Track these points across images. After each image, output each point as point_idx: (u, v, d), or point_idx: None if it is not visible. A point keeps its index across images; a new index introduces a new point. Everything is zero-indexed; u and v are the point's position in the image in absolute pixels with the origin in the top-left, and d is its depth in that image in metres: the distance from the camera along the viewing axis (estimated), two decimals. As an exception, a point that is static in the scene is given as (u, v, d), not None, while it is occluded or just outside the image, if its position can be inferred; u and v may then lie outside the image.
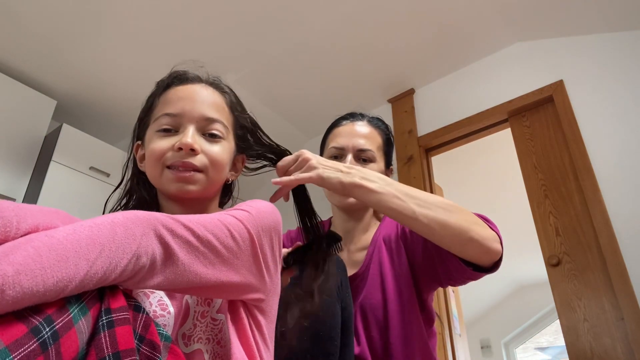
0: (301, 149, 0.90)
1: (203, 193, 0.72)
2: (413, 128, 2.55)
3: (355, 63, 2.51)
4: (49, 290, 0.39)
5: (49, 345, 0.38)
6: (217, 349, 0.62)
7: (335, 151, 1.13)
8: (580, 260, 1.79)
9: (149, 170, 0.73)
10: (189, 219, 0.55)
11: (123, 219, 0.47)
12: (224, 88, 0.81)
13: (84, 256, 0.42)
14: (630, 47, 2.00)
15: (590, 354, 1.63)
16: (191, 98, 0.74)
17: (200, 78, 0.80)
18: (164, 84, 0.78)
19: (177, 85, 0.77)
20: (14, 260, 0.37)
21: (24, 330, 0.36)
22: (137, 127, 0.81)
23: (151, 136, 0.74)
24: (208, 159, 0.71)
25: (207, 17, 2.18)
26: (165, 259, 0.50)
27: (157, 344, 0.46)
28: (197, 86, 0.77)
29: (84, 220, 0.46)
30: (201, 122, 0.73)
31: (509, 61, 2.36)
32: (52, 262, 0.39)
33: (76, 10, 2.10)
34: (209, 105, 0.74)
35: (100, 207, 0.83)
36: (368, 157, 1.11)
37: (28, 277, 0.37)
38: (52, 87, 2.60)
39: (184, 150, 0.68)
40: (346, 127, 1.16)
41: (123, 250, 0.45)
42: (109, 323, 0.44)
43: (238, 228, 0.60)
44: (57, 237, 0.41)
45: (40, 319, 0.38)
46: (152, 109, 0.78)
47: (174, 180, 0.69)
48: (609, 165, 1.84)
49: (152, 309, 0.61)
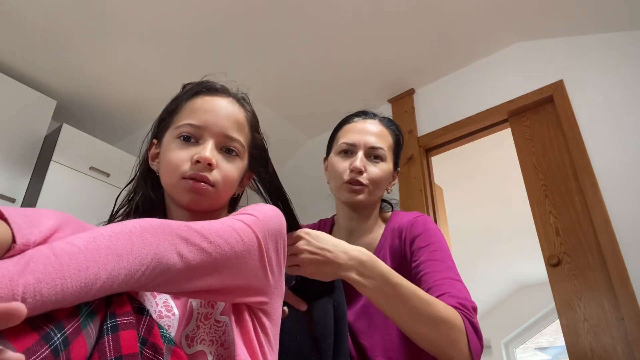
0: (302, 229, 0.89)
1: (211, 206, 0.74)
2: (413, 128, 2.55)
3: (355, 63, 2.51)
4: (67, 299, 0.39)
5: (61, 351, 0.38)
6: (220, 350, 0.62)
7: (346, 146, 1.13)
8: (580, 260, 1.79)
9: (164, 176, 0.75)
10: (202, 226, 0.56)
11: (140, 229, 0.48)
12: (247, 107, 0.82)
13: (103, 266, 0.42)
14: (630, 47, 2.00)
15: (590, 354, 1.64)
16: (216, 112, 0.75)
17: (228, 91, 0.80)
18: (192, 90, 0.79)
19: (205, 95, 0.78)
20: (36, 269, 0.37)
21: (36, 337, 0.37)
22: (156, 125, 0.82)
23: (170, 141, 0.75)
24: (221, 175, 0.72)
25: (208, 17, 2.18)
26: (179, 266, 0.51)
27: (159, 347, 0.47)
28: (223, 101, 0.77)
29: (101, 228, 0.47)
30: (221, 137, 0.74)
31: (509, 61, 2.36)
32: (73, 272, 0.40)
33: (76, 10, 2.10)
34: (232, 122, 0.76)
35: (100, 207, 0.84)
36: (379, 155, 1.11)
37: (49, 285, 0.37)
38: (52, 87, 2.59)
39: (201, 163, 0.70)
40: (358, 124, 1.16)
41: (140, 261, 0.46)
42: (113, 327, 0.44)
43: (247, 233, 0.61)
44: (78, 246, 0.42)
45: (52, 325, 0.38)
46: (175, 112, 0.78)
47: (188, 191, 0.70)
48: (609, 165, 1.84)
49: (157, 309, 0.62)
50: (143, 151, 0.84)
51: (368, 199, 1.10)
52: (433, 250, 1.00)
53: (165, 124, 0.79)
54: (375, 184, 1.10)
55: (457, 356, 0.83)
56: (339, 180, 1.11)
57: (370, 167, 1.10)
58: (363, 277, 0.85)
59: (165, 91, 0.90)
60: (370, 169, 1.10)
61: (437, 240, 1.03)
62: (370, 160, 1.11)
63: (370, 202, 1.12)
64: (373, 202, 1.14)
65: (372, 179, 1.09)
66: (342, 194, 1.11)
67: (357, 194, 1.08)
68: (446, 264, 0.97)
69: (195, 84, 0.81)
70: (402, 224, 1.09)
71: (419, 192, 2.32)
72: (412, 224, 1.07)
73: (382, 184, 1.12)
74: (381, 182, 1.11)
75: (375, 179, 1.10)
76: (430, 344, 0.84)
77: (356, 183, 1.08)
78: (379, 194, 1.14)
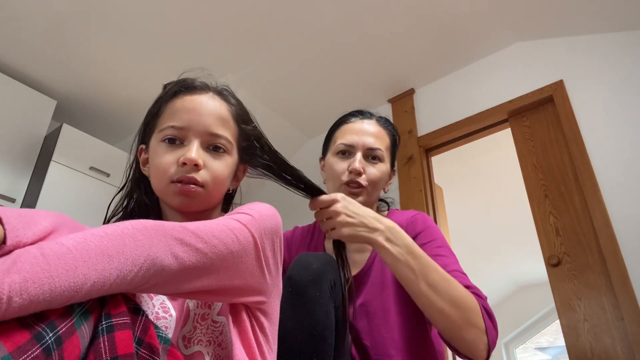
0: (337, 193, 0.93)
1: (203, 206, 0.73)
2: (413, 128, 2.54)
3: (355, 63, 2.51)
4: (56, 299, 0.39)
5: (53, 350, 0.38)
6: (218, 351, 0.62)
7: (344, 147, 1.13)
8: (580, 260, 1.78)
9: (154, 181, 0.74)
10: (197, 226, 0.55)
11: (132, 230, 0.48)
12: (230, 99, 0.80)
13: (93, 266, 0.42)
14: (630, 47, 2.00)
15: (590, 354, 1.63)
16: (197, 111, 0.74)
17: (208, 87, 0.79)
18: (172, 91, 0.78)
19: (185, 95, 0.76)
20: (22, 268, 0.37)
21: (27, 336, 0.36)
22: (142, 130, 0.81)
23: (156, 145, 0.74)
24: (210, 174, 0.71)
25: (207, 17, 2.18)
26: (174, 267, 0.51)
27: (155, 347, 0.47)
28: (204, 97, 0.76)
29: (94, 229, 0.46)
30: (205, 136, 0.73)
31: (509, 61, 2.36)
32: (61, 271, 0.39)
33: (76, 10, 2.10)
34: (215, 119, 0.74)
35: (100, 207, 0.83)
36: (377, 155, 1.12)
37: (36, 285, 0.37)
38: (52, 87, 2.60)
39: (187, 165, 0.69)
40: (355, 124, 1.16)
41: (132, 262, 0.46)
42: (109, 328, 0.44)
43: (243, 232, 0.60)
44: (67, 246, 0.41)
45: (44, 325, 0.38)
46: (158, 115, 0.77)
47: (177, 194, 0.70)
48: (609, 165, 1.84)
49: (154, 311, 0.61)
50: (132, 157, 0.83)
51: (367, 200, 1.10)
52: (437, 246, 1.01)
53: (150, 128, 0.78)
54: (374, 185, 1.11)
55: (474, 341, 0.84)
56: (337, 181, 1.11)
57: (369, 169, 1.10)
58: (390, 242, 0.87)
59: (164, 91, 0.90)
60: (368, 170, 1.10)
61: (438, 236, 1.04)
62: (368, 161, 1.11)
63: (369, 203, 1.12)
64: (371, 202, 1.14)
65: (371, 180, 1.10)
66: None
67: (356, 195, 1.09)
68: (451, 259, 0.99)
69: (174, 83, 0.80)
70: (401, 221, 1.09)
71: (419, 192, 2.32)
72: (412, 221, 1.08)
73: (380, 184, 1.13)
74: (379, 182, 1.12)
75: (374, 180, 1.10)
76: (446, 322, 0.84)
77: (355, 185, 1.08)
78: (377, 194, 1.15)
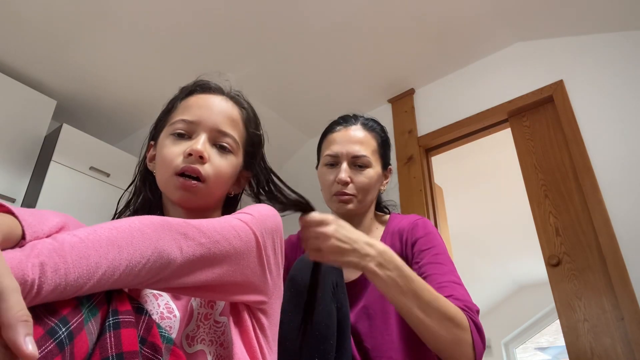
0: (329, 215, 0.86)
1: (204, 202, 0.74)
2: (413, 128, 2.55)
3: (355, 63, 2.51)
4: (69, 286, 0.40)
5: (66, 345, 0.39)
6: (220, 350, 0.62)
7: (330, 159, 1.14)
8: (580, 260, 1.79)
9: (159, 174, 0.75)
10: (199, 222, 0.56)
11: (140, 224, 0.49)
12: (243, 103, 0.83)
13: (104, 255, 0.43)
14: (630, 47, 2.00)
15: (590, 354, 1.64)
16: (209, 108, 0.76)
17: (222, 90, 0.82)
18: (187, 90, 0.81)
19: (199, 94, 0.79)
20: (40, 253, 0.39)
21: (41, 332, 0.37)
22: (153, 127, 0.84)
23: (164, 139, 0.76)
24: (213, 169, 0.72)
25: (208, 17, 2.18)
26: (180, 261, 0.52)
27: (158, 346, 0.47)
28: (217, 98, 0.79)
29: (103, 223, 0.48)
30: (214, 132, 0.75)
31: (509, 61, 2.36)
32: (75, 258, 0.41)
33: (76, 10, 2.10)
34: (225, 118, 0.76)
35: (100, 207, 0.84)
36: (363, 163, 1.12)
37: (52, 269, 0.38)
38: (52, 87, 2.60)
39: (193, 156, 0.70)
40: (340, 133, 1.16)
41: (141, 253, 0.47)
42: (115, 324, 0.45)
43: (245, 230, 0.61)
44: (79, 236, 0.43)
45: (56, 319, 0.39)
46: (170, 112, 0.80)
47: (178, 188, 0.71)
48: (609, 165, 1.84)
49: (159, 310, 0.62)
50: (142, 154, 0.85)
51: (358, 207, 1.12)
52: (435, 254, 1.01)
53: (161, 124, 0.80)
54: (364, 192, 1.12)
55: (461, 355, 0.84)
56: (327, 192, 1.14)
57: (357, 177, 1.11)
58: (381, 267, 0.85)
59: (165, 91, 0.91)
60: (356, 179, 1.11)
61: (438, 243, 1.04)
62: (355, 169, 1.12)
63: (362, 209, 1.14)
64: (365, 207, 1.15)
65: (359, 187, 1.11)
66: (332, 205, 1.14)
67: (346, 203, 1.10)
68: (448, 267, 0.99)
69: (190, 83, 0.83)
70: (402, 226, 1.10)
71: (419, 192, 2.32)
72: (413, 226, 1.08)
73: (371, 189, 1.13)
74: (369, 188, 1.12)
75: (362, 187, 1.11)
76: (436, 340, 0.85)
77: (343, 194, 1.10)
78: (370, 198, 1.15)
